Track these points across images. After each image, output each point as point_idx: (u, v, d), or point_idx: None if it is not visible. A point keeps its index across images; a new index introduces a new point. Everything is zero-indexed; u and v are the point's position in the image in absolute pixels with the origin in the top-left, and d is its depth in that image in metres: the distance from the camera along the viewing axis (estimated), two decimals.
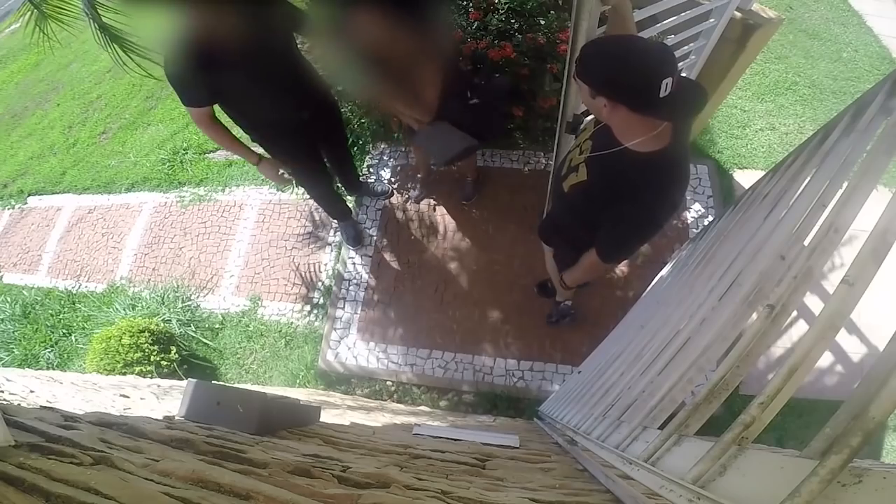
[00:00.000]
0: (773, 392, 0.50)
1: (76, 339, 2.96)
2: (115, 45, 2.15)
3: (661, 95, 0.89)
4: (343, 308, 2.65)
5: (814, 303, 2.34)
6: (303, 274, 2.82)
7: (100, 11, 2.06)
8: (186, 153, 3.52)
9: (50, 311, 3.13)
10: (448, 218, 2.80)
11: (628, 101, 0.96)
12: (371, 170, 3.03)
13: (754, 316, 0.69)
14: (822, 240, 0.67)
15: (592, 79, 0.99)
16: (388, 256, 2.75)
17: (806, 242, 0.74)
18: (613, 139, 1.09)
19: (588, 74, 0.99)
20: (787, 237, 0.81)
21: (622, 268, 2.54)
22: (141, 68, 2.18)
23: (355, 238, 2.74)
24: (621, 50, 0.97)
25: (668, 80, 0.88)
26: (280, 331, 2.70)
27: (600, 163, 1.15)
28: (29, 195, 3.85)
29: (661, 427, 0.72)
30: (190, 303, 2.86)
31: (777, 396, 0.50)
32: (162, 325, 2.61)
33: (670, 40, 1.86)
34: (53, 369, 2.85)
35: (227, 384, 2.19)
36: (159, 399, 1.36)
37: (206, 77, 1.50)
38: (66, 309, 3.12)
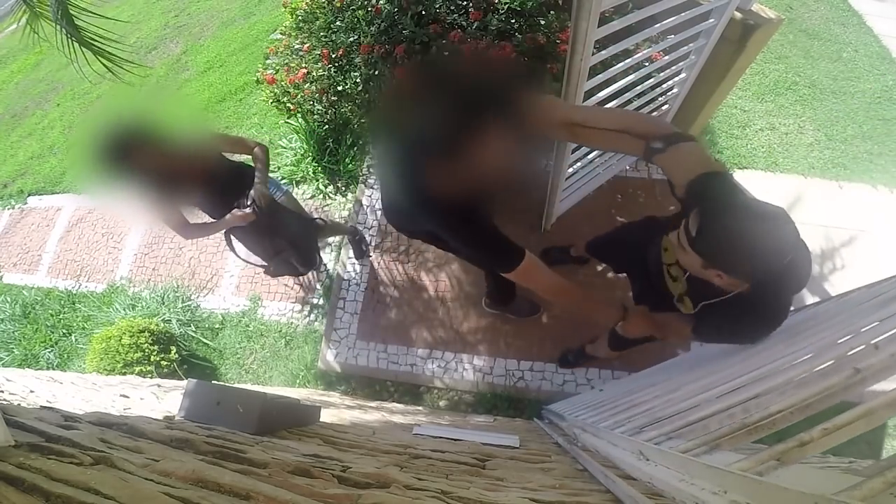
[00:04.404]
0: (842, 424, 0.49)
1: (76, 339, 2.95)
2: (83, 50, 2.03)
3: (779, 269, 0.89)
4: (343, 308, 2.65)
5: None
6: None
7: (73, 13, 1.95)
8: None
9: (50, 311, 3.13)
10: None
11: (748, 280, 0.94)
12: (372, 170, 3.04)
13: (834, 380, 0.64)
14: None
15: (714, 262, 0.94)
16: (387, 257, 2.75)
17: None
18: (715, 288, 1.05)
19: (709, 256, 0.94)
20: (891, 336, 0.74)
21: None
22: (116, 76, 2.13)
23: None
24: (749, 236, 0.88)
25: (791, 256, 0.87)
26: (280, 331, 2.70)
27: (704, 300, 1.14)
28: (29, 195, 3.85)
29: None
30: (190, 303, 2.86)
31: (843, 429, 0.48)
32: (162, 325, 2.61)
33: (670, 40, 1.86)
34: (53, 369, 2.85)
35: (227, 384, 2.19)
36: (159, 399, 1.36)
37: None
38: (66, 309, 3.12)
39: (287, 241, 1.99)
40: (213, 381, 2.22)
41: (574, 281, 1.75)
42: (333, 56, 2.54)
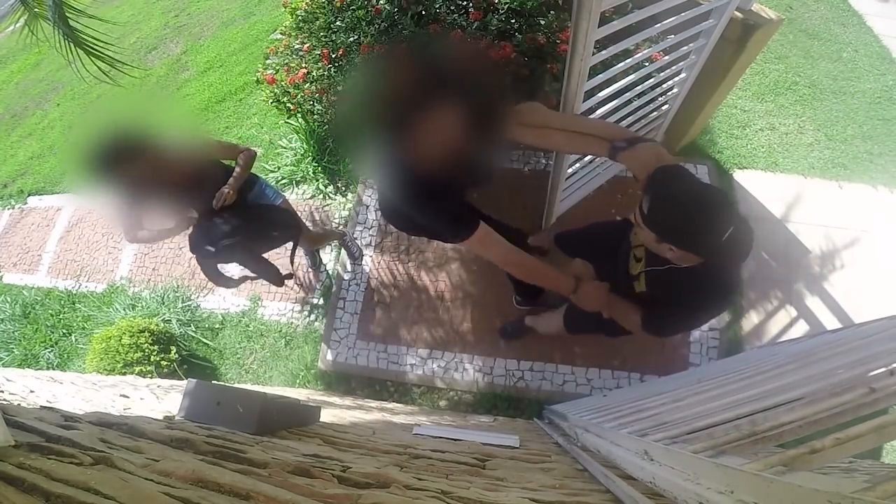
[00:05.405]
0: (854, 435, 0.48)
1: (76, 339, 2.95)
2: (79, 52, 2.05)
3: (722, 240, 1.01)
4: (343, 308, 2.65)
5: (814, 303, 2.34)
6: (303, 274, 2.82)
7: (68, 15, 1.95)
8: None
9: (50, 311, 3.13)
10: None
11: (695, 250, 1.07)
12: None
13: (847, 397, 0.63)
14: None
15: (664, 234, 1.08)
16: (387, 256, 2.75)
17: None
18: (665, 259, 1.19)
19: (659, 229, 1.08)
20: None
21: None
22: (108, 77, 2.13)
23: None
24: (691, 209, 1.04)
25: (731, 230, 1.00)
26: (280, 331, 2.70)
27: (657, 276, 1.28)
28: (29, 195, 3.85)
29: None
30: (190, 303, 2.86)
31: (855, 440, 0.48)
32: (162, 325, 2.61)
33: (670, 40, 1.86)
34: (53, 369, 2.85)
35: (227, 384, 2.19)
36: (159, 399, 1.36)
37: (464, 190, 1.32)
38: (66, 309, 3.12)
39: (259, 220, 1.98)
40: (213, 381, 2.22)
41: None
42: (333, 56, 2.54)
